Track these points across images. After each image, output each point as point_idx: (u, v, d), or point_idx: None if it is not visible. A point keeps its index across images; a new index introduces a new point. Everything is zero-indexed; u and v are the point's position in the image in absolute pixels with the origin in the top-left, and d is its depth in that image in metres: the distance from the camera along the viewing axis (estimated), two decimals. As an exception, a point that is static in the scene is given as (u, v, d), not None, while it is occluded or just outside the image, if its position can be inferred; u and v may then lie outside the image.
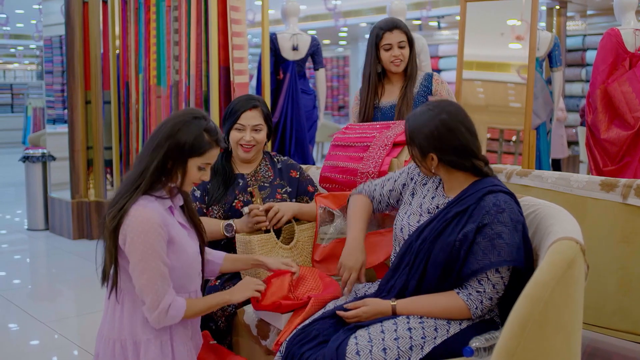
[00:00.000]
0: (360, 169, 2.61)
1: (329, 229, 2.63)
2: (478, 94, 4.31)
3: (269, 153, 2.76)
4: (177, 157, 1.86)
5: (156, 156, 1.85)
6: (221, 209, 2.56)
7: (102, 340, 1.93)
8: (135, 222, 1.80)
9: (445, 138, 1.88)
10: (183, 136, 1.86)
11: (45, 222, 6.03)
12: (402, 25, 2.85)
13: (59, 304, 4.14)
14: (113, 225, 1.82)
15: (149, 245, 1.80)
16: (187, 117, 1.89)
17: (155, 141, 1.87)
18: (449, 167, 1.93)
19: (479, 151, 1.92)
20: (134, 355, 1.88)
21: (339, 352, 1.77)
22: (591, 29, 8.68)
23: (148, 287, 1.81)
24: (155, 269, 1.81)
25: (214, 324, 2.37)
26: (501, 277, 1.83)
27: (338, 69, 16.33)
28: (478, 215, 1.83)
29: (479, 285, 1.83)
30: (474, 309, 1.84)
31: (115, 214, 1.83)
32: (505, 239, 1.79)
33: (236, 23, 4.20)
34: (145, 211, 1.82)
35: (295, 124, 5.52)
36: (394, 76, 2.91)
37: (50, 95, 6.05)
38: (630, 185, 2.50)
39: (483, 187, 1.88)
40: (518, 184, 2.80)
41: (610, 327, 2.57)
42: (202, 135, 1.88)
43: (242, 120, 2.57)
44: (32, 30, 13.04)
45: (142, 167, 1.87)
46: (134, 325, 1.89)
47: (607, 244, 2.55)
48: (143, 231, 1.79)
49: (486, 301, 1.84)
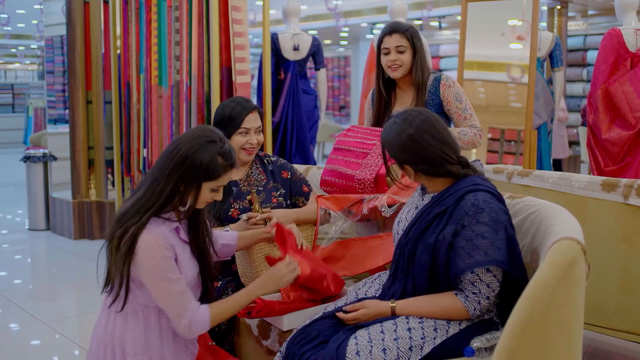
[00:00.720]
0: (357, 175, 2.60)
1: (330, 230, 2.63)
2: (479, 94, 4.31)
3: (258, 155, 2.73)
4: (190, 180, 1.86)
5: (170, 181, 1.85)
6: (217, 219, 2.54)
7: (96, 338, 1.95)
8: (145, 250, 1.81)
9: (414, 151, 1.90)
10: (197, 161, 1.84)
11: (46, 222, 6.03)
12: (404, 29, 2.74)
13: (59, 304, 4.14)
14: (126, 249, 1.82)
15: (160, 271, 1.82)
16: (202, 140, 1.87)
17: (170, 165, 1.86)
18: (427, 176, 1.95)
19: (453, 153, 1.92)
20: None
21: (339, 353, 1.77)
22: (592, 29, 8.67)
23: (167, 307, 1.85)
24: (169, 291, 1.83)
25: (216, 326, 2.37)
26: (494, 276, 1.83)
27: (339, 69, 16.32)
28: (457, 216, 1.84)
29: (474, 287, 1.83)
30: (472, 310, 1.84)
31: (127, 238, 1.83)
32: (489, 237, 1.79)
33: (237, 23, 4.20)
34: (154, 238, 1.83)
35: (297, 124, 5.52)
36: (403, 83, 2.82)
37: (51, 95, 6.05)
38: (632, 186, 2.50)
39: (463, 186, 1.88)
40: (519, 184, 2.80)
41: (611, 327, 2.57)
42: (217, 159, 1.87)
43: (246, 124, 2.56)
44: (33, 30, 13.04)
45: (155, 190, 1.86)
46: (124, 336, 1.89)
47: (608, 244, 2.55)
48: (154, 258, 1.81)
49: (483, 301, 1.84)
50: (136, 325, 1.89)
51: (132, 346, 1.88)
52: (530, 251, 1.97)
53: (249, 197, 2.52)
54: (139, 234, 1.82)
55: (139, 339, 1.88)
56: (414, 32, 2.76)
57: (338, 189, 2.70)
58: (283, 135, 5.51)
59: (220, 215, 2.52)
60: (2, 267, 4.86)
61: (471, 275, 1.82)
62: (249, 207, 2.53)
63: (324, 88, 5.99)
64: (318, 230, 2.63)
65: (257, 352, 2.31)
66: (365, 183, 2.58)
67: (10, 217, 6.83)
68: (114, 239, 1.85)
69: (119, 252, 1.83)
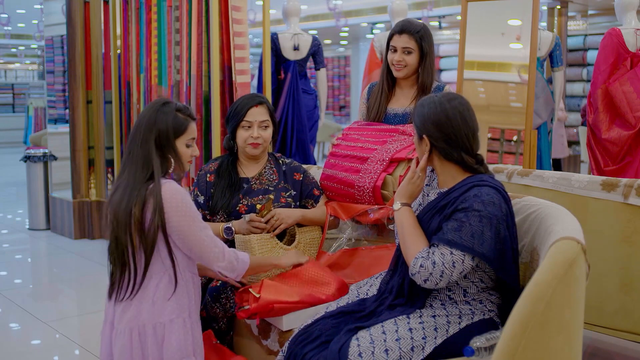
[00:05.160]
0: (357, 181, 2.59)
1: (339, 238, 2.63)
2: (479, 93, 4.31)
3: (274, 155, 2.74)
4: (165, 143, 1.99)
5: (149, 148, 1.97)
6: (225, 213, 2.55)
7: (117, 334, 1.96)
8: (174, 196, 1.93)
9: (441, 125, 1.91)
10: (162, 123, 1.98)
11: (47, 221, 6.04)
12: (415, 31, 2.67)
13: (60, 304, 4.14)
14: (158, 219, 1.90)
15: (194, 212, 1.97)
16: (157, 106, 2.02)
17: (140, 137, 1.98)
18: (440, 157, 1.94)
19: (473, 148, 1.93)
20: (154, 339, 1.92)
21: (341, 354, 1.77)
22: (592, 28, 8.67)
23: (207, 240, 1.98)
24: (206, 234, 1.98)
25: (217, 325, 2.37)
26: (462, 261, 1.80)
27: (339, 69, 16.32)
28: (459, 201, 1.85)
29: (445, 250, 1.80)
30: (413, 261, 1.83)
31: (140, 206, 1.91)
32: (473, 225, 1.79)
33: (237, 23, 4.20)
34: (170, 184, 1.95)
35: (297, 123, 5.52)
36: (403, 82, 2.79)
37: (51, 95, 6.05)
38: (632, 185, 2.50)
39: (471, 181, 1.89)
40: (519, 184, 2.80)
41: (611, 327, 2.58)
42: (177, 116, 2.02)
43: (248, 117, 2.55)
44: (34, 30, 13.04)
45: (141, 162, 1.96)
46: (156, 309, 1.93)
47: (608, 244, 2.55)
48: (183, 200, 1.94)
49: (431, 267, 1.80)
50: (166, 295, 1.95)
51: (167, 313, 1.94)
52: (530, 251, 1.97)
53: (259, 206, 2.49)
54: (159, 190, 1.92)
55: (172, 305, 1.95)
56: (425, 34, 2.69)
57: (336, 195, 2.69)
58: (283, 135, 5.51)
59: (228, 208, 2.53)
60: (3, 267, 4.86)
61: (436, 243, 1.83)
62: (255, 208, 2.52)
63: (324, 88, 5.99)
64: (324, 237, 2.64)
65: (257, 351, 2.31)
66: (365, 190, 2.57)
67: (10, 216, 6.83)
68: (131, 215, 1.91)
69: (154, 224, 1.90)
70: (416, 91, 2.76)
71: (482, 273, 1.89)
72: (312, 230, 2.61)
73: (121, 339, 1.94)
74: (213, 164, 2.68)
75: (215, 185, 2.59)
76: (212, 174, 2.64)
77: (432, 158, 1.97)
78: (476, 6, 4.24)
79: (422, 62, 2.71)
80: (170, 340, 1.93)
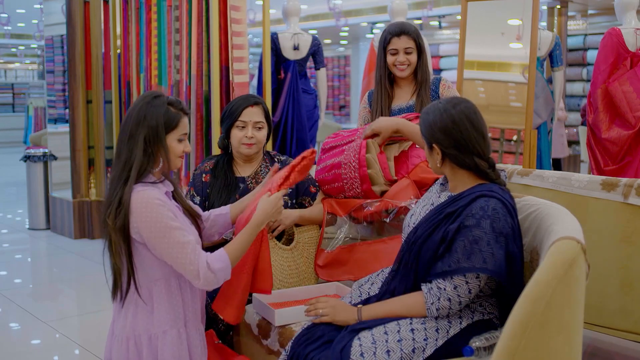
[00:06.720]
0: (343, 160, 2.60)
1: (337, 235, 2.63)
2: (479, 93, 4.31)
3: (269, 153, 2.73)
4: (154, 139, 1.90)
5: (135, 145, 1.89)
6: None
7: (115, 340, 1.94)
8: (139, 207, 1.83)
9: (449, 132, 1.88)
10: (152, 117, 1.90)
11: (47, 221, 6.04)
12: (412, 31, 2.80)
13: (60, 304, 4.14)
14: (120, 223, 1.83)
15: (159, 220, 1.83)
16: (147, 99, 1.93)
17: (128, 132, 1.90)
18: (452, 164, 1.93)
19: (484, 151, 1.91)
20: (149, 349, 1.90)
21: (343, 354, 1.77)
22: (592, 28, 8.68)
23: (181, 257, 1.84)
24: (175, 239, 1.84)
25: (216, 325, 2.37)
26: (466, 282, 1.79)
27: (339, 69, 16.31)
28: (464, 215, 1.82)
29: (442, 281, 1.81)
30: (429, 303, 1.82)
31: (114, 211, 1.85)
32: (481, 245, 1.76)
33: (236, 23, 4.20)
34: (143, 193, 1.85)
35: (297, 123, 5.52)
36: (402, 81, 2.87)
37: (51, 95, 6.05)
38: (632, 185, 2.50)
39: (480, 190, 1.86)
40: (519, 184, 2.80)
41: (611, 327, 2.57)
42: (169, 109, 1.93)
43: (243, 117, 2.55)
44: (34, 29, 13.04)
45: (124, 160, 1.90)
46: (149, 319, 1.90)
47: (608, 244, 2.55)
48: (148, 211, 1.83)
49: (444, 301, 1.80)
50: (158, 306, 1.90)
51: (159, 324, 1.89)
52: (530, 250, 1.97)
53: None
54: (129, 198, 1.84)
55: (164, 316, 1.90)
56: (419, 32, 2.84)
57: (328, 185, 2.70)
58: (283, 134, 5.51)
59: None
60: (3, 267, 4.87)
61: (448, 276, 1.80)
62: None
63: (324, 87, 5.99)
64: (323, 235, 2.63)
65: (257, 351, 2.31)
66: (351, 165, 2.56)
67: (10, 216, 6.84)
68: (107, 221, 1.85)
69: (114, 228, 1.83)
70: (416, 86, 2.84)
71: (484, 285, 1.88)
72: (310, 230, 2.60)
73: (117, 346, 1.93)
74: (208, 163, 2.67)
75: (211, 186, 2.59)
76: (207, 173, 2.63)
77: (444, 166, 1.95)
78: (476, 6, 4.24)
79: (419, 58, 2.82)
80: (163, 353, 1.89)
